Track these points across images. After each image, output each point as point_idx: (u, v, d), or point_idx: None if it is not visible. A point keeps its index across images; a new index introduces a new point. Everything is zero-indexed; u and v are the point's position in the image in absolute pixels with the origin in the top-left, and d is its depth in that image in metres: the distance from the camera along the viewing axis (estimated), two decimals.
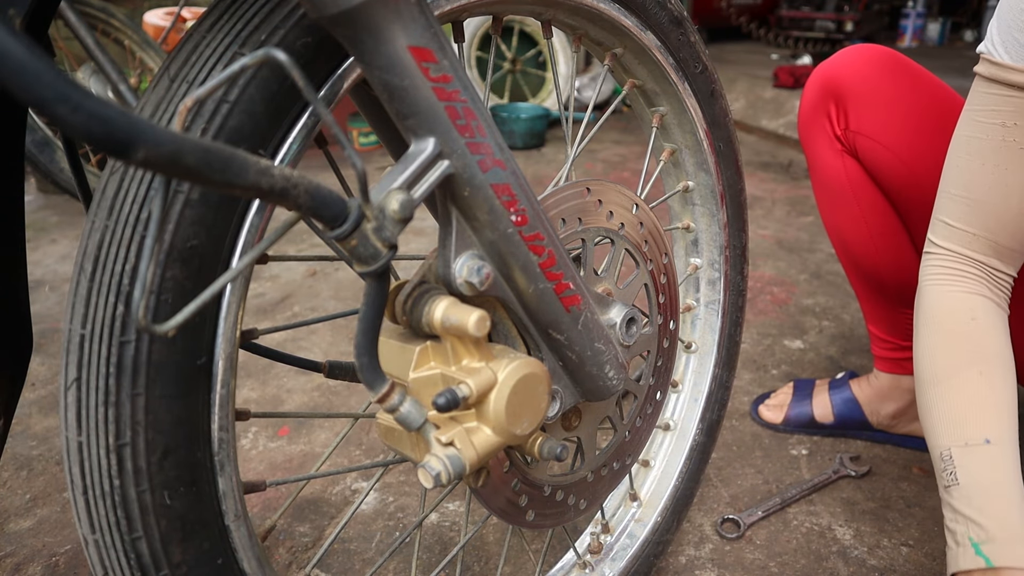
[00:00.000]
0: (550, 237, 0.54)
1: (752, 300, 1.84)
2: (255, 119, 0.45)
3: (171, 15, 2.74)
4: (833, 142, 1.09)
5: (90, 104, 0.28)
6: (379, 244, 0.41)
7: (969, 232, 0.78)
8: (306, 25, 0.46)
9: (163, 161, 0.30)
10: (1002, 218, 0.75)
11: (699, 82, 0.79)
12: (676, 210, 0.91)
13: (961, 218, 0.78)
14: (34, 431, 1.38)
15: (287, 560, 1.06)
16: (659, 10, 0.72)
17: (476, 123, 0.47)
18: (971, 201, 0.77)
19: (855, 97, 1.04)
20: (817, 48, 4.87)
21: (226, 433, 0.48)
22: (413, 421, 0.47)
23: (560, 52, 3.42)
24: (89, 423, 0.45)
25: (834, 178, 1.10)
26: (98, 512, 0.46)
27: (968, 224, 0.78)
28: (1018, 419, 0.74)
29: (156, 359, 0.44)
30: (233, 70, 0.34)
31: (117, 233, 0.44)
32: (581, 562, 0.90)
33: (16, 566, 1.06)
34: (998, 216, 0.75)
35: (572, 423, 0.67)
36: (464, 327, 0.47)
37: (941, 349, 0.78)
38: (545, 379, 0.52)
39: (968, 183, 0.77)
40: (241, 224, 0.47)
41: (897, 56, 1.03)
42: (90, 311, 0.44)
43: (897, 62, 1.02)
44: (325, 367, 0.66)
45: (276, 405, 1.46)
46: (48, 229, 2.50)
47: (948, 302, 0.80)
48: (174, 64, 0.46)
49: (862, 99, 1.03)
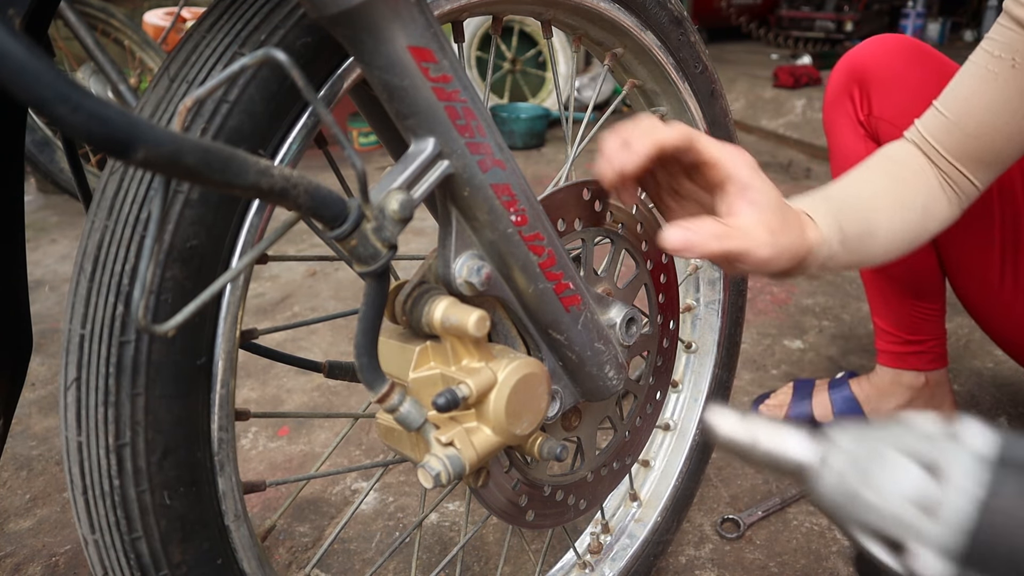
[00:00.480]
0: (550, 237, 0.54)
1: (752, 300, 1.84)
2: (255, 119, 0.45)
3: (171, 15, 2.74)
4: (856, 127, 1.10)
5: (90, 104, 0.28)
6: (379, 244, 0.41)
7: (942, 135, 0.76)
8: (306, 25, 0.46)
9: (163, 161, 0.30)
10: (984, 134, 0.74)
11: (699, 82, 0.79)
12: None
13: (939, 128, 0.76)
14: (34, 431, 1.38)
15: (287, 560, 1.06)
16: (659, 10, 0.72)
17: (476, 123, 0.47)
18: (956, 116, 0.75)
19: (879, 84, 1.06)
20: (817, 48, 4.86)
21: (226, 433, 0.48)
22: (413, 421, 0.47)
23: (560, 52, 3.42)
24: (89, 423, 0.45)
25: (856, 163, 1.11)
26: (98, 512, 0.46)
27: (946, 133, 0.75)
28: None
29: (156, 359, 0.44)
30: (233, 70, 0.34)
31: (117, 233, 0.44)
32: (581, 562, 0.90)
33: (16, 566, 1.06)
34: (980, 132, 0.74)
35: (572, 423, 0.67)
36: (464, 327, 0.47)
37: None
38: (545, 379, 0.52)
39: (963, 99, 0.75)
40: (241, 224, 0.47)
41: (921, 45, 1.05)
42: (90, 311, 0.44)
43: (921, 51, 1.04)
44: (325, 367, 0.66)
45: (276, 405, 1.46)
46: (48, 229, 2.50)
47: (891, 150, 0.78)
48: (174, 64, 0.46)
49: (886, 86, 1.05)
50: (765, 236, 0.55)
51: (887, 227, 0.69)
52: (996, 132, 0.73)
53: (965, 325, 1.68)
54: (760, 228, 0.55)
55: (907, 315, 1.19)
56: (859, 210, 0.67)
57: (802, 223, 0.60)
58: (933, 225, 0.75)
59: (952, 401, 1.26)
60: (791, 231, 0.58)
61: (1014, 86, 0.71)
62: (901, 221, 0.71)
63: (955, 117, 0.74)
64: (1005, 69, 0.71)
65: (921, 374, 1.23)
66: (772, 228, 0.56)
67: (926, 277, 1.15)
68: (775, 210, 0.56)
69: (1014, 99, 0.72)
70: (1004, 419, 1.34)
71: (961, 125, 0.74)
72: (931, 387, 1.24)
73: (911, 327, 1.20)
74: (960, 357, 1.54)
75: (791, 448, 0.38)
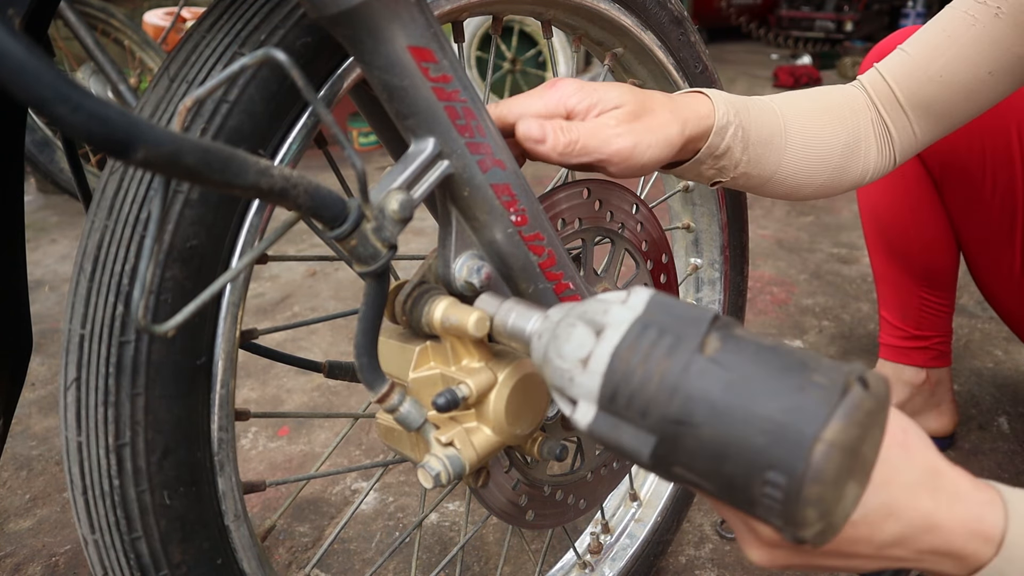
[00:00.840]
0: (550, 237, 0.54)
1: (752, 300, 1.84)
2: (255, 119, 0.45)
3: (171, 15, 2.74)
4: None
5: (90, 104, 0.28)
6: (379, 244, 0.41)
7: (902, 75, 0.73)
8: (306, 25, 0.46)
9: (163, 161, 0.30)
10: (944, 80, 0.71)
11: (699, 82, 0.79)
12: (676, 210, 0.91)
13: (901, 67, 0.73)
14: (34, 431, 1.38)
15: (287, 560, 1.06)
16: (659, 9, 0.72)
17: (476, 123, 0.47)
18: (921, 57, 0.72)
19: None
20: (817, 48, 4.86)
21: (226, 433, 0.48)
22: (413, 421, 0.47)
23: (560, 52, 3.42)
24: (89, 423, 0.45)
25: None
26: (98, 512, 0.46)
27: (906, 74, 0.72)
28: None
29: (156, 359, 0.44)
30: (233, 70, 0.34)
31: (117, 233, 0.44)
32: (581, 562, 0.90)
33: (16, 566, 1.06)
34: (941, 76, 0.71)
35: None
36: (464, 327, 0.47)
37: None
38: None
39: (933, 41, 0.72)
40: (241, 224, 0.47)
41: None
42: (90, 311, 0.44)
43: None
44: (325, 367, 0.66)
45: (276, 405, 1.46)
46: (48, 229, 2.50)
47: (833, 87, 0.75)
48: (174, 64, 0.46)
49: None
50: (614, 126, 0.53)
51: (798, 145, 0.66)
52: (956, 81, 0.70)
53: (965, 325, 1.68)
54: (607, 120, 0.53)
55: (916, 308, 1.19)
56: (769, 115, 0.65)
57: (678, 104, 0.58)
58: (855, 170, 0.71)
59: (952, 400, 1.26)
60: (654, 115, 0.55)
61: (990, 37, 0.68)
62: (816, 145, 0.68)
63: (920, 58, 0.71)
64: (987, 16, 0.68)
65: (922, 370, 1.23)
66: (622, 118, 0.53)
67: (941, 259, 1.15)
68: (627, 103, 0.54)
69: (985, 51, 0.69)
70: (1004, 419, 1.34)
71: (924, 66, 0.71)
72: (931, 384, 1.24)
73: (918, 321, 1.20)
74: (960, 357, 1.54)
75: (522, 323, 0.44)
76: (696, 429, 0.34)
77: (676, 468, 0.35)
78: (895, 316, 1.23)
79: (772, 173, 0.66)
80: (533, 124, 0.51)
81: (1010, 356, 1.55)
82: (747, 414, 0.33)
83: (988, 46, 0.68)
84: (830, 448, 0.31)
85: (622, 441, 0.36)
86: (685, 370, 0.34)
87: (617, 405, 0.36)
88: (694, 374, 0.34)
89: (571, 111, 0.54)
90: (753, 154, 0.63)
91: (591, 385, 0.37)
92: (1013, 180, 1.02)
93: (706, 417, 0.33)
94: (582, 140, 0.52)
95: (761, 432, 0.32)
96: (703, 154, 0.60)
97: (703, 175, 0.63)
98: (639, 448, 0.35)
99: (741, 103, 0.63)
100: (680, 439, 0.34)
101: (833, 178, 0.70)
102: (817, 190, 0.71)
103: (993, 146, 1.01)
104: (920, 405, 1.25)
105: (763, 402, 0.33)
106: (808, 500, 0.32)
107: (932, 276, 1.17)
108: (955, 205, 1.10)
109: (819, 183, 0.70)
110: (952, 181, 1.07)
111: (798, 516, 0.32)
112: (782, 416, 0.32)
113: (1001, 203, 1.03)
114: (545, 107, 0.53)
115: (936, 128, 0.73)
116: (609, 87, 0.55)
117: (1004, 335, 1.63)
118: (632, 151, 0.53)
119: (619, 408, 0.36)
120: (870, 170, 0.73)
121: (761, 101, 0.66)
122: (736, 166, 0.63)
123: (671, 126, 0.56)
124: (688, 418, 0.34)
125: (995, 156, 1.02)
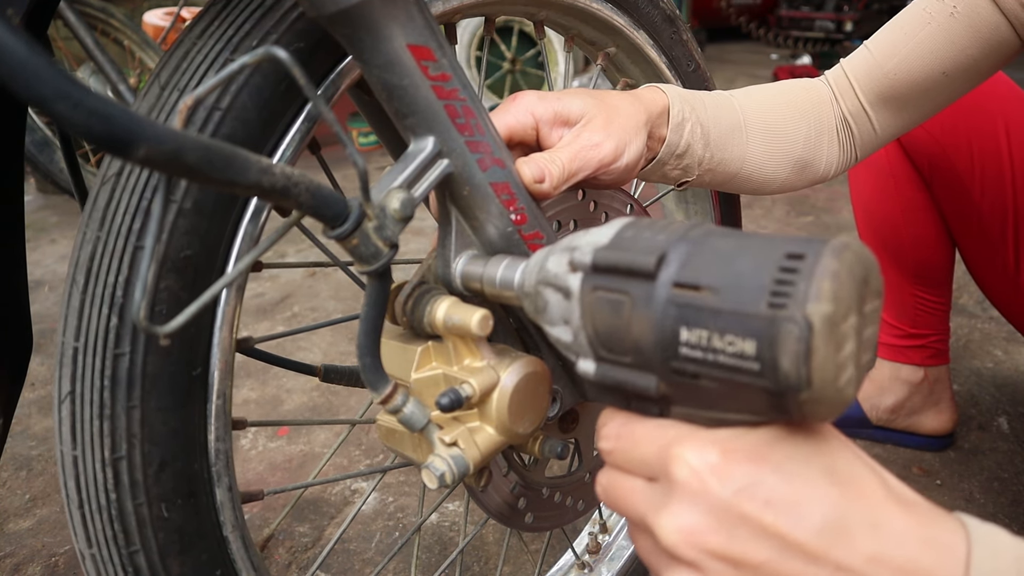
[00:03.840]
0: (549, 236, 0.54)
1: None
2: (248, 126, 0.45)
3: (171, 15, 2.74)
4: None
5: (90, 101, 0.27)
6: (380, 243, 0.41)
7: (862, 73, 0.72)
8: (298, 29, 0.46)
9: (164, 159, 0.30)
10: (900, 75, 0.70)
11: (692, 80, 0.79)
12: (670, 209, 0.91)
13: (862, 64, 0.73)
14: (34, 431, 1.38)
15: (287, 560, 1.06)
16: (651, 8, 0.72)
17: (475, 122, 0.47)
18: (880, 54, 0.72)
19: None
20: (817, 48, 4.87)
21: (223, 444, 0.48)
22: (417, 422, 0.47)
23: (559, 52, 3.42)
24: (84, 436, 0.44)
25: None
26: (95, 526, 0.45)
27: (866, 71, 0.72)
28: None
29: (151, 371, 0.43)
30: (233, 68, 0.34)
31: (109, 245, 0.43)
32: (580, 563, 0.90)
33: (16, 566, 1.06)
34: (897, 72, 0.70)
35: (570, 425, 0.67)
36: (467, 326, 0.47)
37: None
38: (546, 377, 0.52)
39: (891, 39, 0.72)
40: (235, 233, 0.46)
41: None
42: (83, 323, 0.43)
43: None
44: (320, 371, 0.66)
45: (276, 405, 1.45)
46: (48, 229, 2.50)
47: (797, 81, 0.75)
48: (165, 71, 0.46)
49: None
50: (594, 135, 0.53)
51: (760, 140, 0.66)
52: (911, 80, 0.70)
53: (965, 325, 1.68)
54: (585, 131, 0.53)
55: (911, 306, 1.20)
56: (727, 110, 0.65)
57: (638, 97, 0.58)
58: (818, 164, 0.71)
59: (951, 399, 1.26)
60: (624, 114, 0.55)
61: (945, 35, 0.68)
62: (777, 139, 0.68)
63: (879, 54, 0.71)
64: (943, 15, 0.68)
65: (920, 369, 1.23)
66: (598, 125, 0.53)
67: (935, 257, 1.16)
68: (595, 109, 0.54)
69: (939, 50, 0.68)
70: (1004, 419, 1.34)
71: (881, 63, 0.71)
72: (930, 383, 1.24)
73: (914, 319, 1.20)
74: (960, 357, 1.54)
75: (508, 278, 0.45)
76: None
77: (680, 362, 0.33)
78: (891, 315, 1.23)
79: (738, 169, 0.66)
80: (532, 164, 0.51)
81: (1010, 356, 1.55)
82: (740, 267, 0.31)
83: (943, 45, 0.68)
84: (842, 252, 0.29)
85: (628, 384, 0.36)
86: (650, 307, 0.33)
87: (610, 353, 0.36)
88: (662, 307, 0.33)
89: (538, 119, 0.53)
90: (716, 150, 0.63)
91: (578, 337, 0.37)
92: (1002, 179, 1.02)
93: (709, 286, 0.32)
94: (568, 164, 0.52)
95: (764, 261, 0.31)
96: (664, 154, 0.60)
97: (668, 176, 0.63)
98: (647, 386, 0.35)
99: (696, 99, 0.63)
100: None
101: (797, 171, 0.70)
102: (783, 184, 0.71)
103: (981, 147, 1.02)
104: (919, 403, 1.25)
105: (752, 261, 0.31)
106: (823, 294, 0.28)
107: (926, 274, 1.17)
108: (946, 204, 1.10)
109: (784, 177, 0.70)
110: (941, 181, 1.08)
111: (810, 333, 0.28)
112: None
113: (991, 202, 1.04)
114: (515, 118, 0.53)
115: (895, 124, 0.73)
116: (569, 95, 0.54)
117: (1004, 335, 1.63)
118: (615, 153, 0.53)
119: (614, 356, 0.36)
120: (833, 164, 0.73)
121: (717, 96, 0.66)
122: (700, 163, 0.63)
123: (639, 115, 0.56)
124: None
125: (983, 156, 1.02)
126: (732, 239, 0.33)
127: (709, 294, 0.31)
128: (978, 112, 1.01)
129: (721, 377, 0.31)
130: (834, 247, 0.30)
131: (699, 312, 0.31)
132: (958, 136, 1.02)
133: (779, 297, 0.29)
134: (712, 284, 0.31)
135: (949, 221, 1.12)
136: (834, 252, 0.29)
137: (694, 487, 0.32)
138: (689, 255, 0.33)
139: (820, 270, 0.29)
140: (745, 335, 0.30)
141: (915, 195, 1.12)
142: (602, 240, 0.37)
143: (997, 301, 1.15)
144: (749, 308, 0.30)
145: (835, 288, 0.29)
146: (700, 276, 0.32)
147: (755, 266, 0.31)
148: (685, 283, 0.32)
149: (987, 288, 1.15)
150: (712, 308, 0.31)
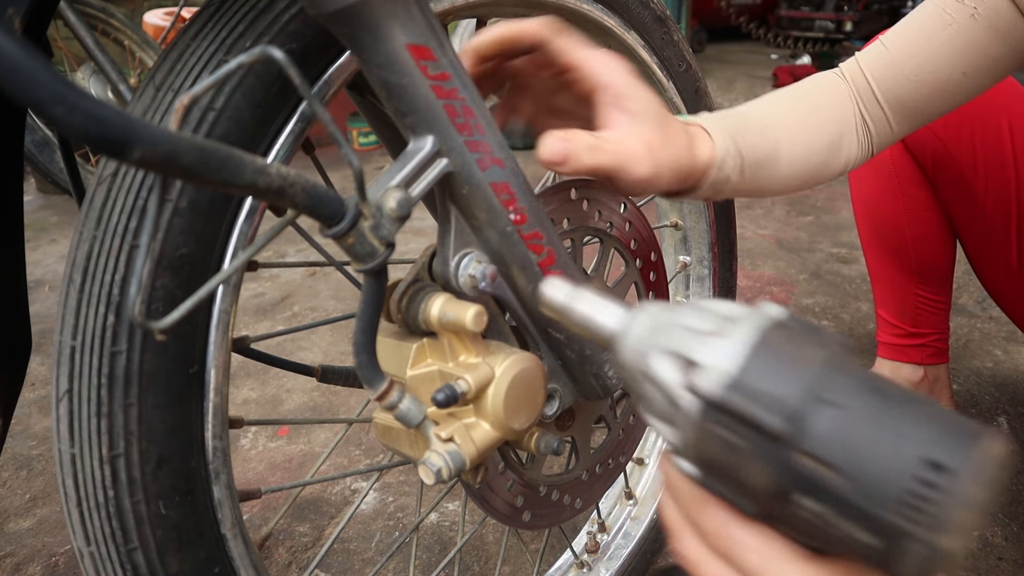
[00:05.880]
0: (549, 236, 0.54)
1: (751, 300, 1.84)
2: (242, 127, 0.45)
3: (171, 15, 2.74)
4: None
5: (86, 104, 0.28)
6: (376, 242, 0.41)
7: (879, 70, 0.72)
8: (291, 31, 0.46)
9: (160, 161, 0.30)
10: (919, 79, 0.70)
11: (683, 80, 0.79)
12: (664, 207, 0.92)
13: (879, 61, 0.72)
14: (34, 431, 1.38)
15: (287, 560, 1.06)
16: (641, 9, 0.72)
17: (475, 121, 0.47)
18: (897, 54, 0.72)
19: None
20: (816, 48, 4.86)
21: (220, 441, 0.48)
22: (413, 418, 0.47)
23: None
24: (82, 435, 0.44)
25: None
26: (93, 524, 0.45)
27: (883, 69, 0.72)
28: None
29: (148, 369, 0.43)
30: (230, 67, 0.34)
31: (106, 244, 0.43)
32: (579, 562, 0.90)
33: (16, 566, 1.06)
34: (916, 75, 0.70)
35: (566, 423, 0.67)
36: (462, 322, 0.47)
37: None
38: (541, 373, 0.53)
39: (910, 39, 0.71)
40: (230, 232, 0.46)
41: None
42: (80, 322, 0.44)
43: None
44: (318, 372, 0.66)
45: (276, 405, 1.46)
46: (48, 229, 2.50)
47: (817, 79, 0.74)
48: (159, 73, 0.46)
49: None
50: (642, 151, 0.50)
51: (789, 159, 0.65)
52: (931, 81, 0.69)
53: (965, 324, 1.68)
54: (636, 142, 0.50)
55: (911, 304, 1.20)
56: (762, 135, 0.63)
57: (691, 139, 0.56)
58: (837, 164, 0.71)
59: (950, 398, 1.26)
60: (674, 146, 0.53)
61: (965, 38, 0.67)
62: (804, 155, 0.67)
63: (897, 54, 0.71)
64: (963, 16, 0.67)
65: (920, 368, 1.23)
66: (650, 143, 0.51)
67: (936, 255, 1.16)
68: (655, 123, 0.51)
69: (961, 52, 0.68)
70: (1003, 419, 1.34)
71: (900, 63, 0.70)
72: (929, 382, 1.24)
73: (914, 318, 1.21)
74: (959, 357, 1.55)
75: (602, 315, 0.40)
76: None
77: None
78: (892, 314, 1.23)
79: (761, 188, 0.66)
80: (556, 145, 0.48)
81: (1009, 356, 1.55)
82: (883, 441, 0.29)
83: (963, 47, 0.68)
84: (985, 455, 0.28)
85: (731, 499, 0.34)
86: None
87: (715, 474, 0.34)
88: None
89: (613, 79, 0.50)
90: (748, 176, 0.62)
91: (686, 452, 0.34)
92: (1006, 177, 1.02)
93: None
94: (607, 160, 0.50)
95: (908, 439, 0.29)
96: (700, 184, 0.58)
97: (698, 197, 0.63)
98: (749, 509, 0.33)
99: (738, 127, 0.61)
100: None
101: (815, 174, 0.70)
102: (799, 187, 0.71)
103: (984, 144, 1.02)
104: None
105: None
106: (959, 527, 0.27)
107: (928, 273, 1.17)
108: (950, 202, 1.11)
109: (801, 182, 0.70)
110: (945, 178, 1.08)
111: (946, 522, 0.27)
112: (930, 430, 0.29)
113: (995, 200, 1.04)
114: (605, 63, 0.50)
115: (911, 123, 0.73)
116: (642, 86, 0.52)
117: (1003, 335, 1.63)
118: (647, 181, 0.52)
119: (719, 478, 0.33)
120: (851, 162, 0.73)
121: (753, 120, 0.65)
122: (731, 189, 0.62)
123: (684, 163, 0.54)
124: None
125: (987, 153, 1.02)
126: (872, 411, 0.30)
127: (837, 477, 0.29)
128: (982, 110, 1.01)
129: (830, 536, 0.31)
130: (976, 463, 0.28)
131: (822, 490, 0.30)
132: (962, 134, 1.02)
133: (912, 511, 0.28)
134: (843, 468, 0.29)
135: (953, 219, 1.12)
136: (975, 472, 0.28)
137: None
138: (824, 427, 0.30)
139: (959, 496, 0.27)
140: (867, 530, 0.29)
141: (919, 193, 1.12)
142: (730, 366, 0.32)
143: (1000, 299, 1.15)
144: (878, 511, 0.29)
145: (971, 518, 0.28)
146: (832, 455, 0.30)
147: (891, 463, 0.29)
148: (815, 456, 0.30)
149: (990, 285, 1.15)
150: (838, 492, 0.30)
